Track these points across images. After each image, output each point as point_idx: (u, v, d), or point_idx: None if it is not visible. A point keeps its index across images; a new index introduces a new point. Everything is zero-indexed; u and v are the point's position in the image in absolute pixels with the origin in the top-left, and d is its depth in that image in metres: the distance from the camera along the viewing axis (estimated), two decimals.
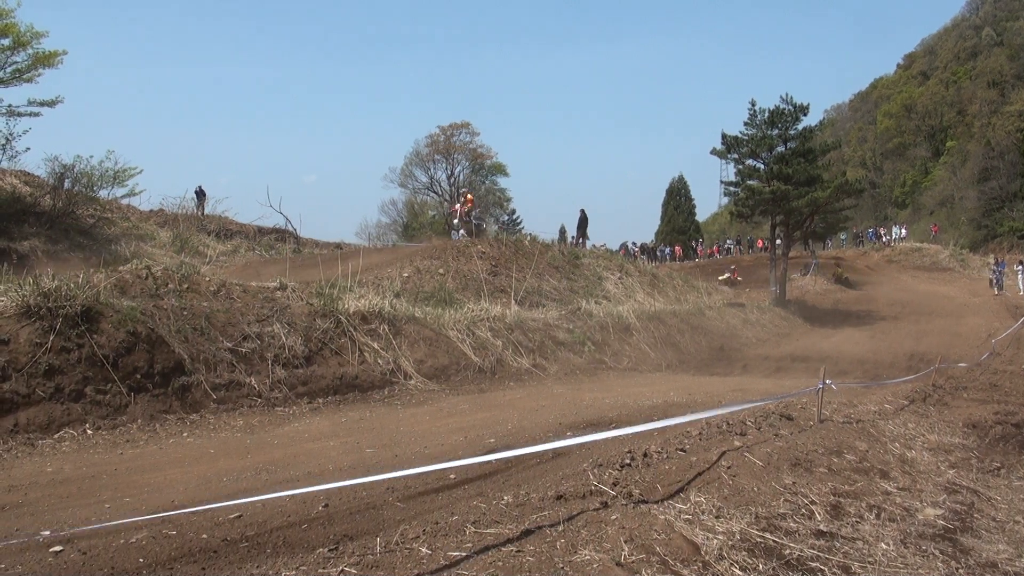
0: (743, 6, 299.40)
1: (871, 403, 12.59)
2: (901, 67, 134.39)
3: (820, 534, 5.86)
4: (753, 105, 42.18)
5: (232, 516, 6.59)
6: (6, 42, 29.00)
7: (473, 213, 27.40)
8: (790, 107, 41.44)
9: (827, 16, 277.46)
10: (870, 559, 5.42)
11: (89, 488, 8.02)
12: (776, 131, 41.81)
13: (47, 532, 5.40)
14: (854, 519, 6.33)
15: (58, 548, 5.80)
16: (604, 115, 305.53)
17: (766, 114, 41.77)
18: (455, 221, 27.38)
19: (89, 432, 10.69)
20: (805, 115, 41.62)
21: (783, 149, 41.85)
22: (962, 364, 19.71)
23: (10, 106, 30.25)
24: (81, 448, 10.05)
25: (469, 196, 29.05)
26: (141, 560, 5.63)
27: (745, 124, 42.68)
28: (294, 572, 4.92)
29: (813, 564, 5.22)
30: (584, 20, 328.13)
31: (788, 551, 5.38)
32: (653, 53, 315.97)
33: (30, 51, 29.81)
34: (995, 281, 48.32)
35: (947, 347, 25.64)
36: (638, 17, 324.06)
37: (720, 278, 49.75)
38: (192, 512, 5.86)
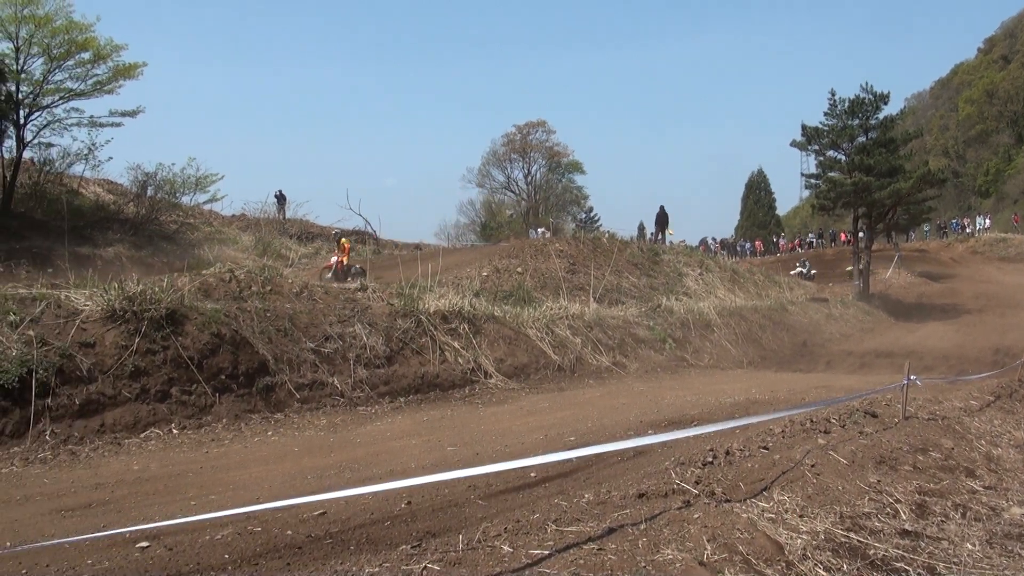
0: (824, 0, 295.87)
1: (956, 399, 12.38)
2: (982, 51, 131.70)
3: (905, 533, 5.79)
4: (833, 95, 41.65)
5: (316, 513, 6.67)
6: (86, 56, 29.49)
7: (353, 268, 24.18)
8: (870, 96, 40.82)
9: (905, 3, 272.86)
10: (955, 560, 5.35)
11: (175, 486, 8.16)
12: (856, 121, 41.23)
13: (134, 528, 5.51)
14: (939, 518, 6.25)
15: (145, 544, 5.91)
16: (681, 109, 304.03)
17: (846, 104, 41.18)
18: (328, 275, 23.80)
19: (175, 431, 10.89)
20: (886, 104, 40.98)
21: (864, 139, 41.22)
22: None
23: (92, 117, 30.75)
24: (167, 447, 10.23)
25: (345, 243, 26.54)
26: (226, 556, 5.72)
27: (825, 114, 42.15)
28: (377, 569, 4.96)
29: (898, 564, 5.16)
30: (659, 14, 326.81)
31: (872, 551, 5.33)
32: (729, 46, 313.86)
33: (110, 64, 30.31)
34: None
35: None
36: (713, 10, 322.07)
37: (792, 272, 49.22)
38: (276, 508, 5.95)
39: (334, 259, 25.90)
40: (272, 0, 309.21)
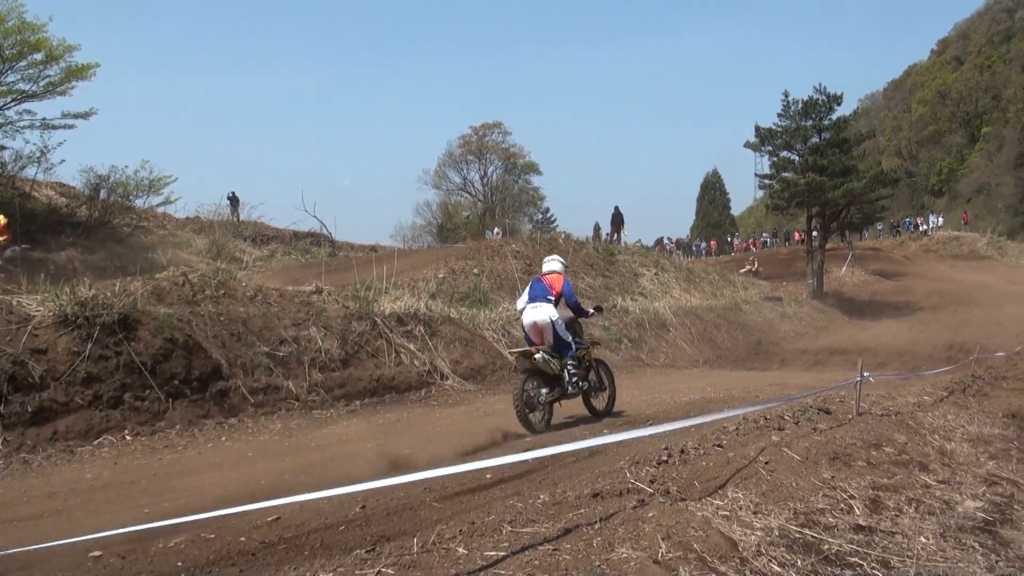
0: (776, 2, 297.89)
1: (910, 395, 12.48)
2: (935, 53, 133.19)
3: (859, 528, 5.82)
4: (786, 96, 42.07)
5: (270, 519, 6.64)
6: (39, 56, 29.14)
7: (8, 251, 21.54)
8: (823, 97, 41.26)
9: (858, 4, 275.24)
10: (909, 553, 5.38)
11: (128, 493, 8.10)
12: (810, 122, 41.67)
13: (87, 537, 5.45)
14: (893, 513, 6.29)
15: (97, 553, 5.85)
16: (636, 111, 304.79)
17: (799, 105, 41.62)
18: None
19: (128, 438, 10.80)
20: (839, 105, 41.47)
21: (817, 140, 41.67)
22: (1001, 353, 19.54)
23: (44, 119, 30.39)
24: (120, 454, 10.15)
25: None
26: (180, 564, 5.67)
27: (779, 116, 42.61)
28: (331, 574, 4.93)
29: (852, 559, 5.18)
30: (614, 17, 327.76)
31: (827, 546, 5.35)
32: (683, 47, 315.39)
33: (63, 64, 29.95)
34: None
35: (986, 336, 25.38)
36: (667, 13, 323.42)
37: (741, 271, 49.55)
38: (230, 515, 5.90)
39: None
40: (224, 3, 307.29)
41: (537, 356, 11.90)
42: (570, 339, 12.50)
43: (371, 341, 15.62)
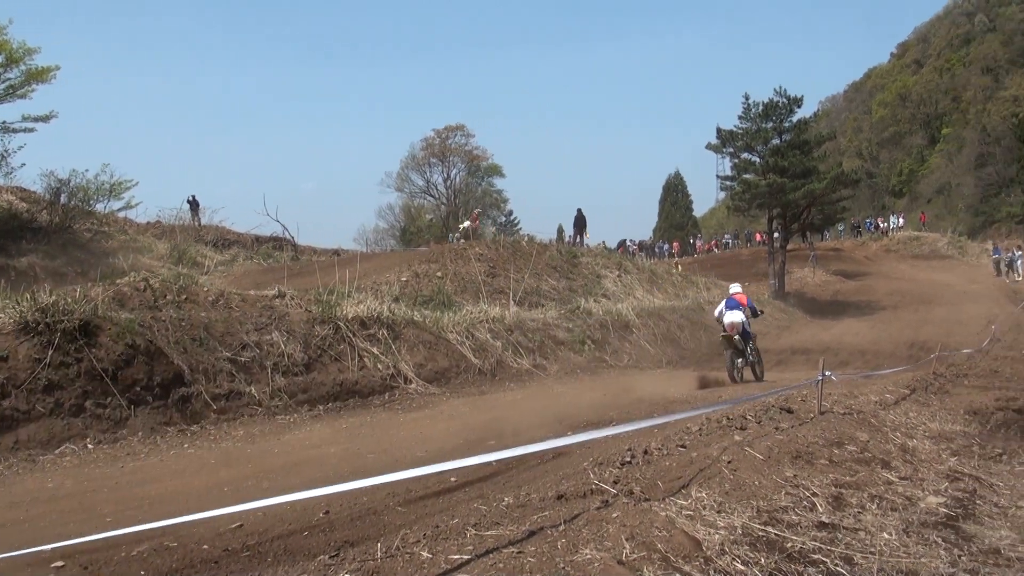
0: (734, 2, 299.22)
1: (872, 393, 12.58)
2: (895, 56, 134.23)
3: (822, 526, 5.85)
4: (747, 99, 42.33)
5: (233, 526, 6.60)
6: None
7: None
8: (784, 100, 41.54)
9: (819, 7, 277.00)
10: (872, 549, 5.41)
11: (91, 502, 8.02)
12: (770, 124, 41.95)
13: (48, 547, 5.39)
14: (856, 510, 6.32)
15: (60, 563, 5.80)
16: (598, 113, 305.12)
17: (760, 107, 41.88)
18: None
19: (90, 447, 10.69)
20: (799, 107, 41.78)
21: (778, 142, 41.95)
22: (963, 351, 19.72)
23: (4, 123, 30.19)
24: (82, 463, 10.05)
25: None
26: (143, 572, 5.64)
27: (739, 118, 42.85)
28: None
29: (815, 556, 5.20)
30: (574, 20, 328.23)
31: (790, 544, 5.37)
32: (645, 50, 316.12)
33: (23, 67, 29.73)
34: (1005, 266, 48.23)
35: (947, 335, 25.65)
36: (628, 15, 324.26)
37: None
38: (192, 522, 5.85)
39: None
40: (183, 4, 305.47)
41: (736, 338, 18.72)
42: (750, 331, 19.40)
43: (334, 345, 15.56)
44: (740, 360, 18.87)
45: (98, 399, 11.36)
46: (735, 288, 20.70)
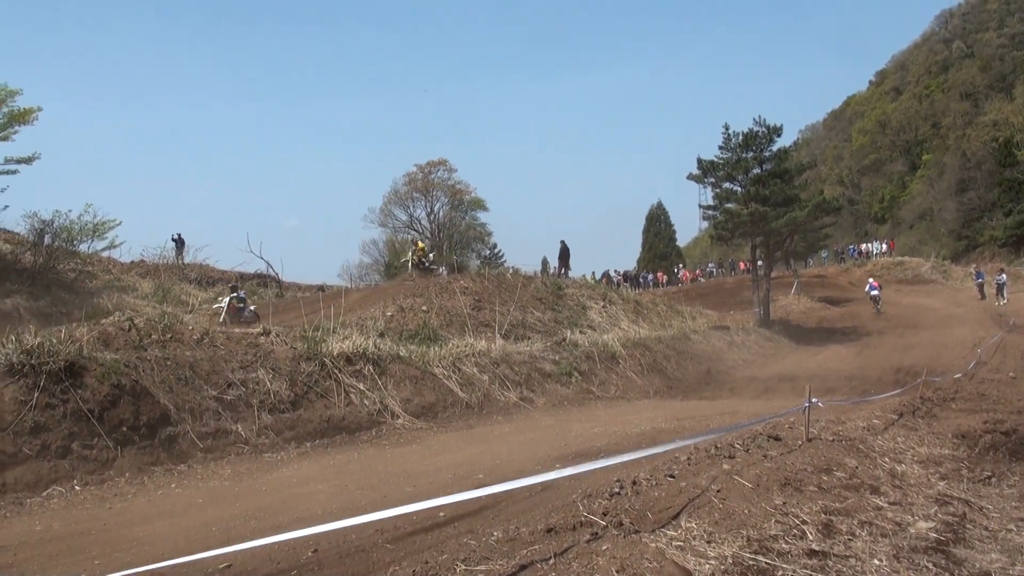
0: (712, 34, 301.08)
1: (859, 419, 12.58)
2: (873, 84, 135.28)
3: (812, 553, 5.84)
4: (727, 129, 42.47)
5: (222, 566, 6.56)
6: None
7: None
8: (763, 129, 41.72)
9: (796, 38, 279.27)
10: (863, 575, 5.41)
11: (78, 545, 7.97)
12: (751, 153, 42.08)
13: None
14: (846, 536, 6.32)
15: None
16: (579, 146, 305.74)
17: (740, 137, 42.04)
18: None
19: (77, 488, 10.63)
20: (779, 136, 41.94)
21: (759, 171, 42.10)
22: (949, 375, 19.75)
23: None
24: (69, 505, 10.00)
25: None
26: None
27: (720, 148, 42.99)
28: None
29: None
30: (555, 53, 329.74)
31: (781, 572, 5.36)
32: (626, 83, 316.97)
33: (4, 110, 29.75)
34: (995, 290, 48.40)
35: (933, 359, 25.68)
36: (609, 48, 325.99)
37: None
38: (180, 564, 5.81)
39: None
40: (165, 42, 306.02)
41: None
42: None
43: (320, 382, 15.53)
44: None
45: (85, 440, 11.31)
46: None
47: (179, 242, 43.49)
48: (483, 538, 6.35)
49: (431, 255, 26.95)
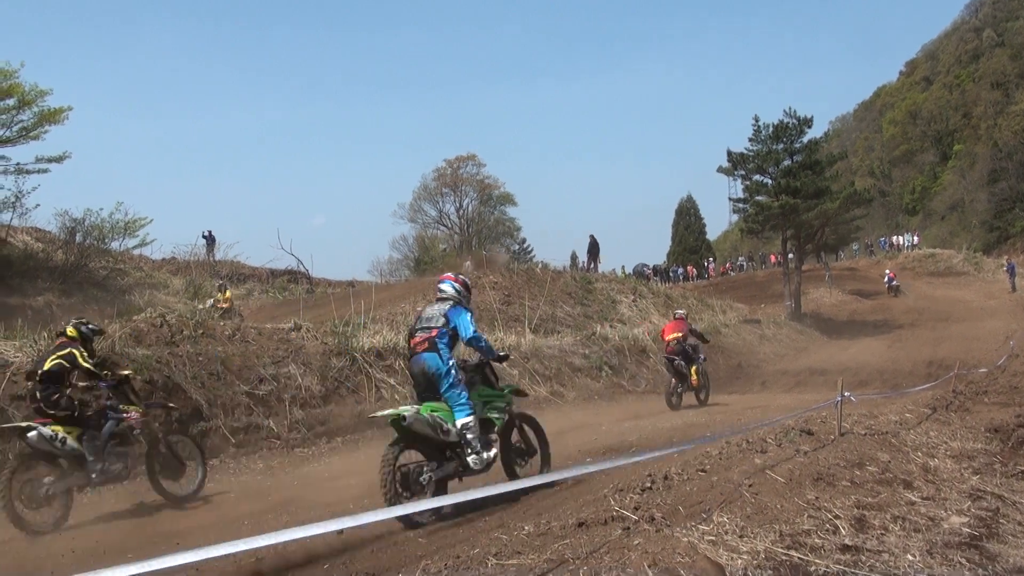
0: (742, 28, 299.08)
1: (892, 413, 12.48)
2: (903, 74, 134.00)
3: (845, 548, 5.80)
4: (757, 121, 42.14)
5: (253, 559, 6.58)
6: (11, 102, 29.05)
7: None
8: (794, 121, 41.41)
9: (826, 29, 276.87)
10: (896, 571, 5.36)
11: (111, 539, 8.02)
12: (781, 145, 41.76)
13: None
14: (879, 531, 6.27)
15: None
16: (609, 139, 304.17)
17: (770, 129, 41.72)
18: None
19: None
20: (809, 128, 41.60)
21: (789, 163, 41.76)
22: (982, 368, 19.60)
23: (18, 164, 30.23)
24: (101, 500, 10.05)
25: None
26: None
27: (750, 140, 42.64)
28: None
29: None
30: (585, 50, 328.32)
31: (813, 567, 5.32)
32: (655, 78, 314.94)
33: (35, 109, 29.88)
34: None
35: (965, 352, 25.47)
36: (638, 44, 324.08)
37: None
38: (213, 557, 5.84)
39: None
40: (195, 40, 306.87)
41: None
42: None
43: (351, 377, 15.57)
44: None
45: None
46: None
47: (210, 239, 43.61)
48: (514, 532, 6.34)
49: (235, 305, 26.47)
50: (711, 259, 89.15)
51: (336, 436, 14.09)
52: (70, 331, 9.95)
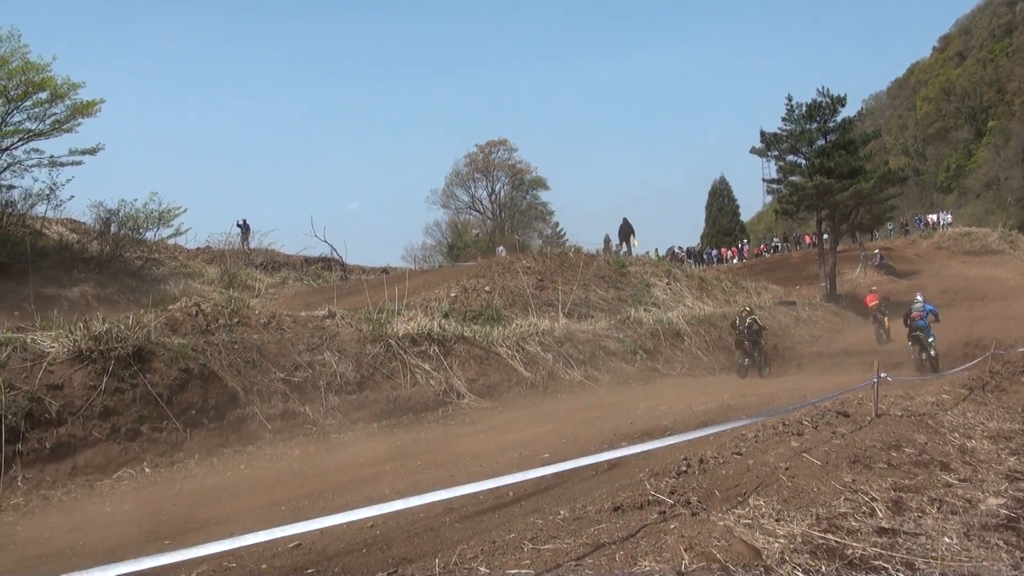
0: (776, 5, 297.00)
1: (928, 394, 12.41)
2: (937, 50, 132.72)
3: (882, 531, 5.78)
4: (790, 100, 41.78)
5: (291, 545, 6.62)
6: (44, 95, 29.21)
7: None
8: (827, 100, 41.03)
9: (857, 5, 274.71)
10: (933, 554, 5.34)
11: (149, 526, 8.08)
12: (815, 125, 41.41)
13: (105, 572, 5.42)
14: (916, 514, 6.25)
15: None
16: (642, 121, 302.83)
17: (803, 108, 41.35)
18: None
19: (147, 470, 10.79)
20: (843, 106, 41.19)
21: (823, 142, 41.40)
22: (1019, 348, 19.44)
23: (52, 157, 30.38)
24: (139, 487, 10.15)
25: None
26: None
27: (783, 120, 42.29)
28: None
29: (876, 562, 5.14)
30: (616, 30, 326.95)
31: (851, 551, 5.31)
32: (688, 58, 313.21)
33: (68, 102, 30.00)
34: None
35: (1002, 331, 25.25)
36: (668, 24, 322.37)
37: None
38: (250, 545, 5.89)
39: None
40: (229, 28, 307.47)
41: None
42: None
43: (386, 363, 15.62)
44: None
45: (154, 423, 11.48)
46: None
47: (244, 227, 43.69)
48: (550, 517, 6.35)
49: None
50: (745, 240, 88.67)
51: (372, 422, 14.15)
52: None
